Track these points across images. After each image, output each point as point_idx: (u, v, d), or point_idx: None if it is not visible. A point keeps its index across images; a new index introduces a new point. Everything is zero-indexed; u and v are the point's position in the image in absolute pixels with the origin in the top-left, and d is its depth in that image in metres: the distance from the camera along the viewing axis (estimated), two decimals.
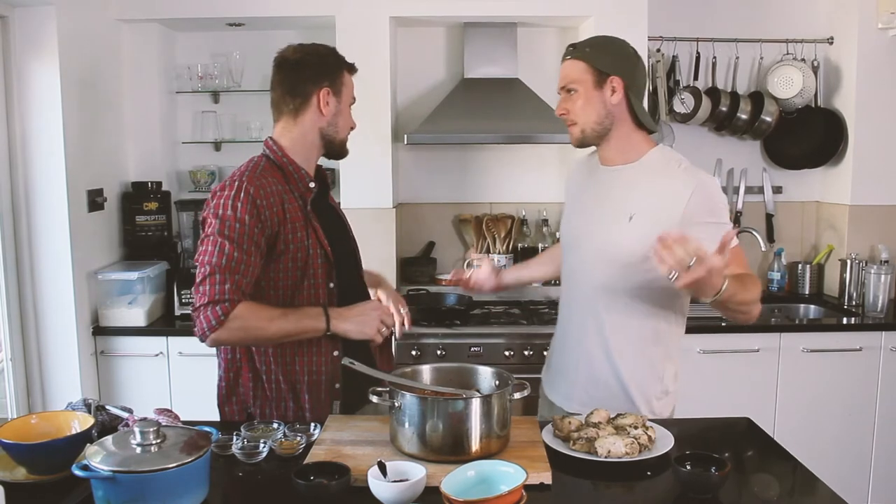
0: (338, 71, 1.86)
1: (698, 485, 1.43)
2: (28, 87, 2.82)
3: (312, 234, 1.81)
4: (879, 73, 3.44)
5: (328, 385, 1.87)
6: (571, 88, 1.81)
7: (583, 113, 1.81)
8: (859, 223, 3.51)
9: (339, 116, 1.88)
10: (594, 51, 1.79)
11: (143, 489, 1.29)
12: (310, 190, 1.85)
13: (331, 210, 1.99)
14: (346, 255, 1.94)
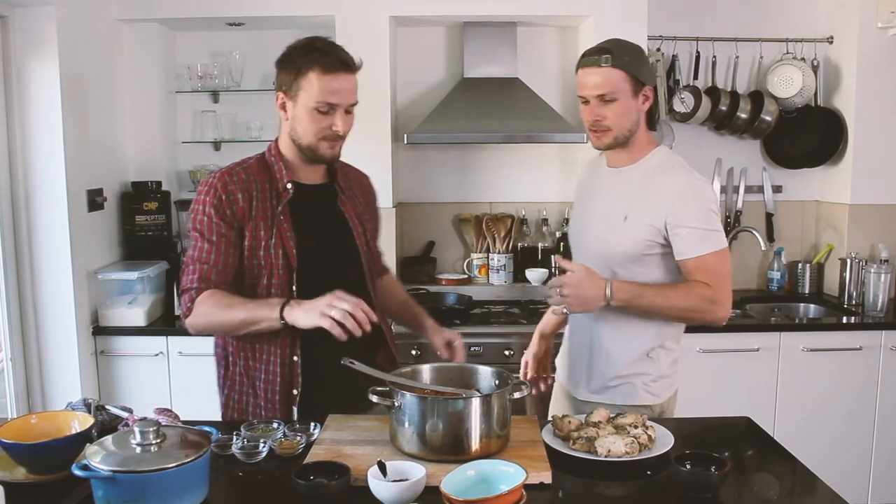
0: (296, 72, 1.73)
1: (698, 484, 1.43)
2: (28, 87, 2.82)
3: (277, 234, 1.79)
4: (879, 72, 3.44)
5: (284, 389, 1.83)
6: (611, 97, 1.84)
7: (620, 120, 1.85)
8: (859, 222, 3.51)
9: (297, 122, 1.77)
10: (632, 60, 1.84)
11: (143, 489, 1.29)
12: (286, 191, 1.81)
13: (330, 215, 1.89)
14: (326, 262, 1.85)
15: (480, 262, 3.62)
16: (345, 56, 1.75)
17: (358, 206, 1.95)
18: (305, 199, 1.85)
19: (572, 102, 3.64)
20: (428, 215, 3.73)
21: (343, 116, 1.76)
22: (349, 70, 1.75)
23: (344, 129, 1.77)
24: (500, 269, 3.57)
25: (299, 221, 1.82)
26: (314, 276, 1.81)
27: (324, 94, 1.72)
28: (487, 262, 3.61)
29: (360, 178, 2.04)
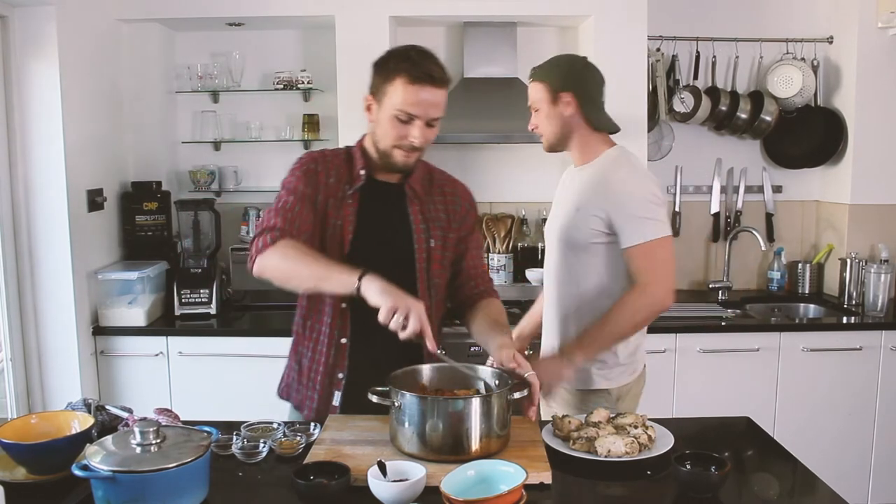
0: (385, 77, 1.76)
1: (698, 484, 1.43)
2: (28, 87, 2.82)
3: (341, 216, 1.82)
4: (879, 72, 3.44)
5: (328, 372, 1.85)
6: (535, 107, 2.08)
7: (545, 126, 2.07)
8: (859, 222, 3.51)
9: (378, 126, 1.81)
10: (548, 72, 2.08)
11: (143, 489, 1.29)
12: (359, 177, 1.85)
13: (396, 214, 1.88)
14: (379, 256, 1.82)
15: None
16: (435, 70, 1.76)
17: (431, 213, 1.90)
18: (376, 193, 1.87)
19: None
20: None
21: (422, 128, 1.76)
22: (436, 84, 1.75)
23: (421, 141, 1.77)
24: (500, 268, 3.57)
25: (363, 211, 1.85)
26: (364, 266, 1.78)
27: (405, 104, 1.73)
28: (487, 262, 3.61)
29: (449, 186, 1.98)
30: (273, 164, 3.66)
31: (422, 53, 1.77)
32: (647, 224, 1.93)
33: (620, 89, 3.32)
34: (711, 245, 3.80)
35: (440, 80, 1.76)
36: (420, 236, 1.87)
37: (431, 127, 1.79)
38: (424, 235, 1.88)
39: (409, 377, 1.68)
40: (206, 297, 3.23)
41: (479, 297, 1.96)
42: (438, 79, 1.76)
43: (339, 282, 1.65)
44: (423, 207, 1.90)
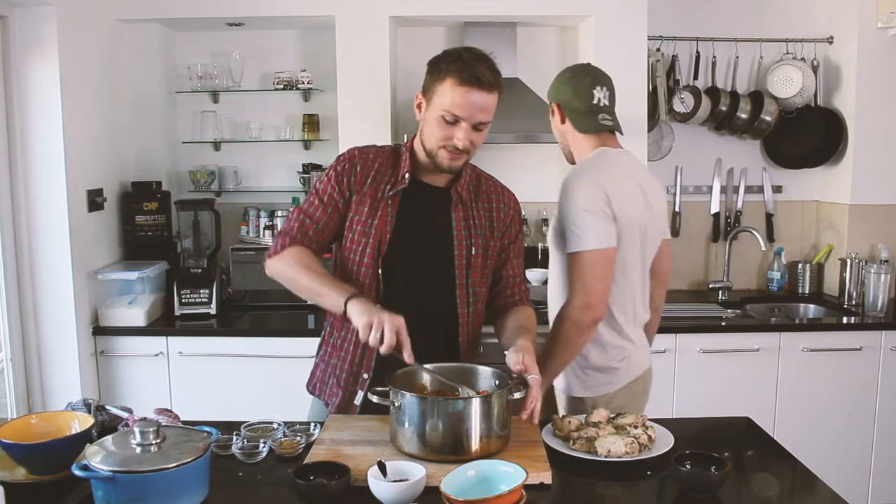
0: (436, 76, 1.74)
1: (698, 484, 1.43)
2: (28, 87, 2.82)
3: (380, 216, 1.81)
4: (879, 72, 3.44)
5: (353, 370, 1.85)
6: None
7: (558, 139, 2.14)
8: (859, 222, 3.51)
9: (426, 124, 1.78)
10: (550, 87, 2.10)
11: (143, 489, 1.29)
12: (402, 179, 1.83)
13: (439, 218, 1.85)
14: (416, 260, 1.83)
15: None
16: (485, 74, 1.71)
17: (475, 219, 1.87)
18: (420, 195, 1.84)
19: None
20: None
21: (468, 131, 1.73)
22: (484, 88, 1.71)
23: (464, 143, 1.73)
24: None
25: (405, 213, 1.83)
26: (401, 268, 1.81)
27: (452, 105, 1.71)
28: None
29: (495, 192, 1.94)
30: (273, 164, 3.67)
31: (475, 55, 1.73)
32: (576, 234, 1.91)
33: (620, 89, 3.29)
34: (711, 245, 3.80)
35: (490, 84, 1.71)
36: (461, 242, 1.85)
37: (479, 131, 1.76)
38: (466, 242, 1.86)
39: (409, 377, 1.68)
40: (206, 297, 3.23)
41: (514, 305, 1.93)
42: (488, 83, 1.71)
43: (330, 300, 1.70)
44: (468, 213, 1.87)
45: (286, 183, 3.64)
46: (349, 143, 3.34)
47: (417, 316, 1.70)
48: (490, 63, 1.74)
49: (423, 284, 1.85)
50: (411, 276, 1.83)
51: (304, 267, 1.77)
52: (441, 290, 1.85)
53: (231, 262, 3.42)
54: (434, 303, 1.86)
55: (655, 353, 3.04)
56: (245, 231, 3.54)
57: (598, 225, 1.90)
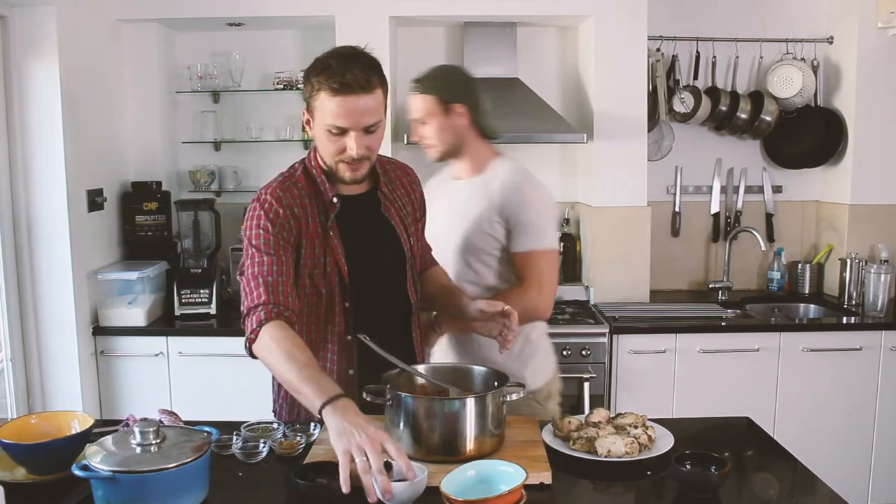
0: (311, 90, 1.64)
1: (698, 484, 1.43)
2: (28, 87, 2.82)
3: (330, 251, 1.74)
4: (879, 72, 3.44)
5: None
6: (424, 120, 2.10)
7: (438, 137, 2.09)
8: (859, 223, 3.51)
9: (318, 141, 1.70)
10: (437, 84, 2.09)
11: (143, 489, 1.29)
12: (333, 205, 1.75)
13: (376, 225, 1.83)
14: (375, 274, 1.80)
15: None
16: (356, 77, 1.60)
17: (402, 209, 1.88)
18: (350, 210, 1.78)
19: (572, 103, 3.64)
20: None
21: (358, 138, 1.64)
22: (360, 91, 1.60)
23: (360, 151, 1.65)
24: None
25: (348, 235, 1.77)
26: (365, 289, 1.78)
27: (332, 117, 1.62)
28: None
29: (403, 174, 1.94)
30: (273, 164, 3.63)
31: (343, 58, 1.62)
32: (539, 232, 2.00)
33: (620, 89, 3.34)
34: (711, 245, 3.80)
35: (364, 86, 1.60)
36: (404, 238, 1.85)
37: (371, 133, 1.67)
38: (406, 236, 1.86)
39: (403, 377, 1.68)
40: (206, 297, 3.23)
41: (425, 268, 2.00)
42: (363, 84, 1.60)
43: (307, 401, 1.49)
44: (396, 207, 1.86)
45: None
46: None
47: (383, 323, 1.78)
48: (362, 60, 1.63)
49: (385, 294, 1.83)
50: (374, 291, 1.80)
51: (284, 355, 1.54)
52: (397, 290, 1.85)
53: (231, 262, 3.42)
54: (395, 305, 1.86)
55: (656, 353, 3.07)
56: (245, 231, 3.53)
57: (554, 226, 2.07)
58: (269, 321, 1.59)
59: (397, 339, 1.83)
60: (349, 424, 1.37)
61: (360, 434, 1.35)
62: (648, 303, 3.41)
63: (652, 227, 3.49)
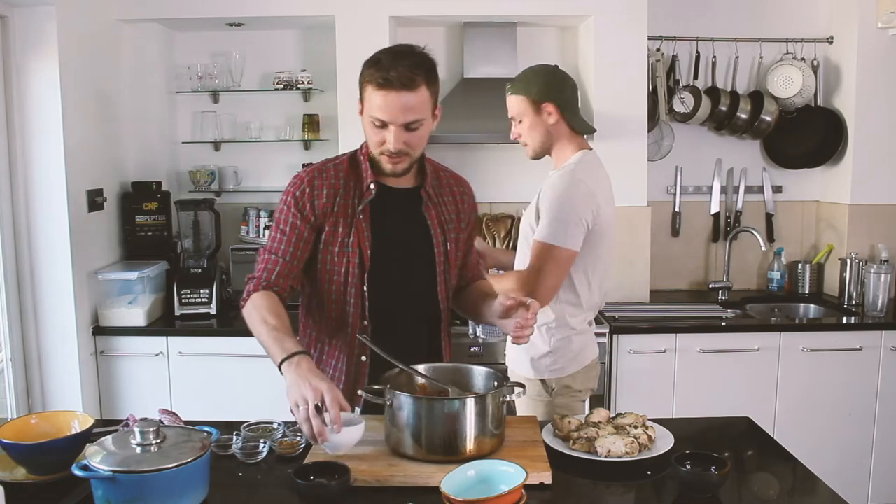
0: (362, 84, 1.73)
1: (698, 485, 1.43)
2: (28, 87, 2.82)
3: (355, 232, 1.78)
4: (879, 72, 3.44)
5: (349, 388, 1.82)
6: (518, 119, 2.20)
7: (531, 136, 2.20)
8: (859, 223, 3.51)
9: (365, 130, 1.77)
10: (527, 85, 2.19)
11: (143, 489, 1.29)
12: (369, 190, 1.80)
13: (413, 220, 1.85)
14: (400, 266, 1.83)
15: None
16: (402, 74, 1.66)
17: (444, 214, 1.88)
18: (389, 201, 1.82)
19: None
20: None
21: (397, 133, 1.70)
22: (402, 88, 1.66)
23: (396, 146, 1.70)
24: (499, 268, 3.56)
25: (379, 223, 1.81)
26: (386, 279, 1.80)
27: (376, 109, 1.69)
28: None
29: (455, 183, 1.95)
30: (273, 164, 3.67)
31: (394, 55, 1.69)
32: (551, 228, 2.08)
33: (620, 89, 3.34)
34: (711, 245, 3.80)
35: (407, 83, 1.66)
36: (438, 241, 1.85)
37: (412, 131, 1.71)
38: (442, 239, 1.86)
39: (403, 377, 1.68)
40: (206, 297, 3.23)
41: (473, 279, 2.02)
42: (404, 82, 1.66)
43: (272, 358, 1.59)
44: (438, 210, 1.87)
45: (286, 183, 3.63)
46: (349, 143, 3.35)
47: (405, 320, 1.80)
48: (412, 59, 1.69)
49: (408, 290, 1.84)
50: (396, 284, 1.82)
51: (259, 318, 1.67)
52: (424, 291, 1.85)
53: (231, 262, 3.42)
54: (419, 305, 1.86)
55: (656, 353, 3.07)
56: (245, 231, 3.54)
57: (578, 229, 2.09)
58: (257, 291, 1.74)
59: (419, 339, 1.86)
60: (299, 378, 1.49)
61: (306, 385, 1.46)
62: (648, 303, 3.41)
63: (652, 227, 3.49)
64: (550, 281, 2.10)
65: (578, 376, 2.21)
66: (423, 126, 1.73)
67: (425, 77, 1.70)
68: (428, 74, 1.71)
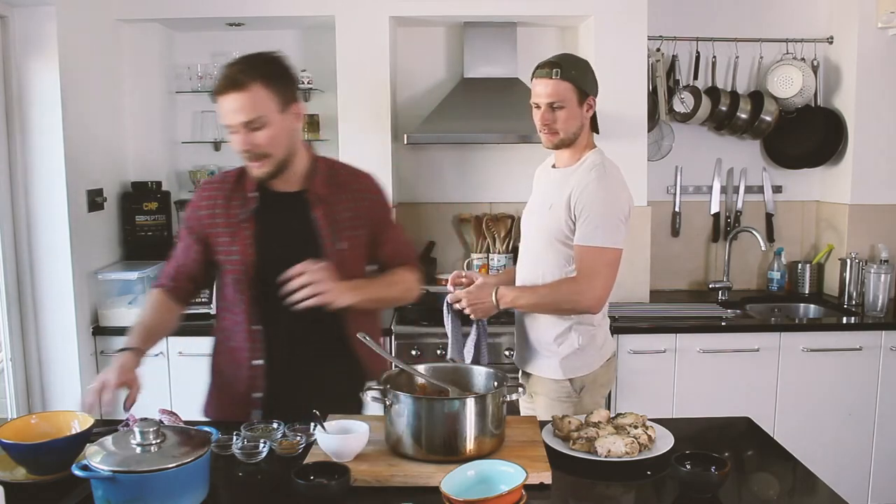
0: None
1: (698, 485, 1.43)
2: (28, 87, 2.82)
3: (241, 241, 1.83)
4: (879, 72, 3.44)
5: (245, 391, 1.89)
6: (559, 105, 2.08)
7: (566, 125, 2.10)
8: (859, 223, 3.51)
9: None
10: (578, 73, 2.10)
11: (143, 489, 1.29)
12: (250, 199, 1.84)
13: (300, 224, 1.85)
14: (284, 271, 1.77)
15: (480, 262, 3.62)
16: (229, 77, 1.69)
17: (338, 213, 1.86)
18: (276, 206, 1.85)
19: None
20: (428, 215, 3.73)
21: (244, 135, 1.72)
22: (233, 89, 1.69)
23: (241, 146, 1.73)
24: (500, 269, 3.57)
25: (266, 229, 1.84)
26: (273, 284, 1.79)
27: (220, 117, 1.74)
28: (487, 262, 3.61)
29: (355, 181, 1.94)
30: None
31: (230, 64, 1.74)
32: (599, 231, 2.02)
33: (620, 89, 3.33)
34: (711, 245, 3.80)
35: (236, 84, 1.69)
36: (328, 241, 1.84)
37: (256, 130, 1.71)
38: (332, 239, 1.84)
39: (403, 377, 1.68)
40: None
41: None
42: (233, 84, 1.69)
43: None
44: (329, 210, 1.85)
45: None
46: (349, 142, 3.37)
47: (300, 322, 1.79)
48: (244, 63, 1.72)
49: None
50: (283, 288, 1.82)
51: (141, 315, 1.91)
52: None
53: None
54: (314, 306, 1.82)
55: (656, 353, 3.07)
56: None
57: (623, 227, 2.06)
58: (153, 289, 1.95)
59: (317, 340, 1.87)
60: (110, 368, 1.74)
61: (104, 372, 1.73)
62: (648, 303, 3.41)
63: (652, 227, 3.49)
64: (609, 283, 2.06)
65: (603, 370, 2.20)
66: (270, 125, 1.72)
67: (260, 76, 1.70)
68: (265, 74, 1.72)
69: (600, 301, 2.07)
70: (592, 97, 2.11)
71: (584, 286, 2.04)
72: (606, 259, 2.04)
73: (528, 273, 2.20)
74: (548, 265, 2.13)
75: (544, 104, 2.10)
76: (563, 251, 2.10)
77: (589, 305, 2.06)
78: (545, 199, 2.17)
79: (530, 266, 2.20)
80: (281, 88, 1.73)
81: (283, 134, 1.75)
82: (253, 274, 1.83)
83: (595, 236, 2.02)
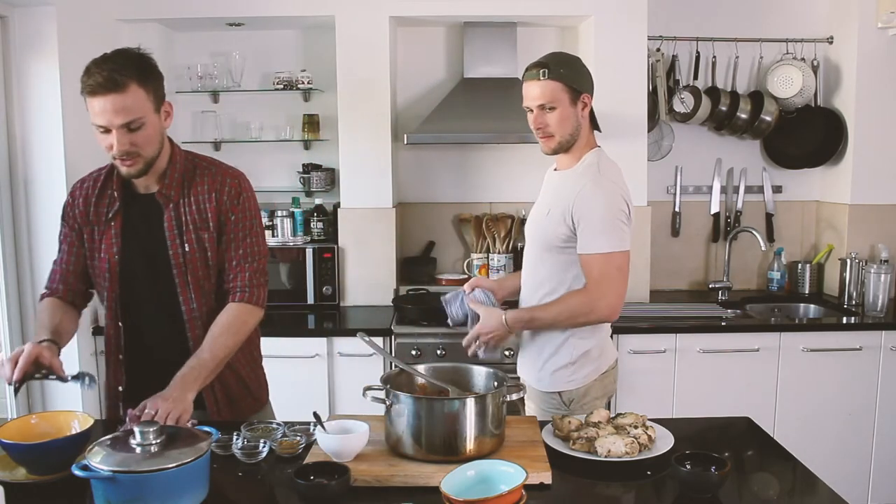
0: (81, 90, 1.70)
1: (698, 485, 1.43)
2: (28, 87, 2.82)
3: (105, 240, 1.86)
4: (879, 72, 3.44)
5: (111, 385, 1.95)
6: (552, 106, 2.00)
7: (560, 127, 2.02)
8: (859, 223, 3.51)
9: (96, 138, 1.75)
10: (567, 71, 2.00)
11: (143, 489, 1.29)
12: (114, 199, 1.85)
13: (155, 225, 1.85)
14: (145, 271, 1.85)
15: (480, 262, 3.62)
16: (106, 77, 1.65)
17: (187, 215, 1.85)
18: (139, 207, 1.87)
19: None
20: (428, 215, 3.73)
21: (119, 135, 1.69)
22: (108, 91, 1.65)
23: (120, 148, 1.70)
24: (500, 269, 3.57)
25: (129, 230, 1.86)
26: (135, 283, 1.87)
27: (93, 116, 1.69)
28: (487, 262, 3.61)
29: (210, 180, 1.89)
30: (273, 164, 3.67)
31: (101, 61, 1.68)
32: (602, 237, 1.96)
33: (620, 89, 3.34)
34: (711, 245, 3.80)
35: (114, 85, 1.65)
36: (175, 243, 1.84)
37: (135, 131, 1.70)
38: (179, 241, 1.84)
39: (403, 377, 1.68)
40: None
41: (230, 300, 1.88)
42: (111, 85, 1.65)
43: None
44: (178, 212, 1.85)
45: (286, 183, 3.65)
46: (349, 142, 3.37)
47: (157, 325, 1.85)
48: (117, 61, 1.68)
49: (154, 295, 1.87)
50: (143, 289, 1.87)
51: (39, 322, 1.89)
52: (166, 295, 1.86)
53: None
54: (168, 309, 1.86)
55: (656, 353, 3.07)
56: None
57: (626, 227, 2.00)
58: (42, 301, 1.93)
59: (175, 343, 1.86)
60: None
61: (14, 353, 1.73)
62: (648, 303, 3.41)
63: (652, 227, 3.49)
64: (621, 288, 1.99)
65: (597, 383, 2.11)
66: (148, 125, 1.72)
67: (136, 76, 1.68)
68: (140, 73, 1.70)
69: (615, 308, 1.99)
70: (587, 94, 2.01)
71: (594, 296, 1.97)
72: (615, 264, 1.97)
73: (528, 278, 2.17)
74: (546, 271, 2.08)
75: (535, 107, 2.02)
76: (560, 258, 2.04)
77: (604, 314, 2.00)
78: (544, 205, 2.12)
79: (529, 270, 2.16)
80: (154, 87, 1.74)
81: (157, 133, 1.77)
82: (116, 273, 1.85)
83: (598, 243, 1.95)
